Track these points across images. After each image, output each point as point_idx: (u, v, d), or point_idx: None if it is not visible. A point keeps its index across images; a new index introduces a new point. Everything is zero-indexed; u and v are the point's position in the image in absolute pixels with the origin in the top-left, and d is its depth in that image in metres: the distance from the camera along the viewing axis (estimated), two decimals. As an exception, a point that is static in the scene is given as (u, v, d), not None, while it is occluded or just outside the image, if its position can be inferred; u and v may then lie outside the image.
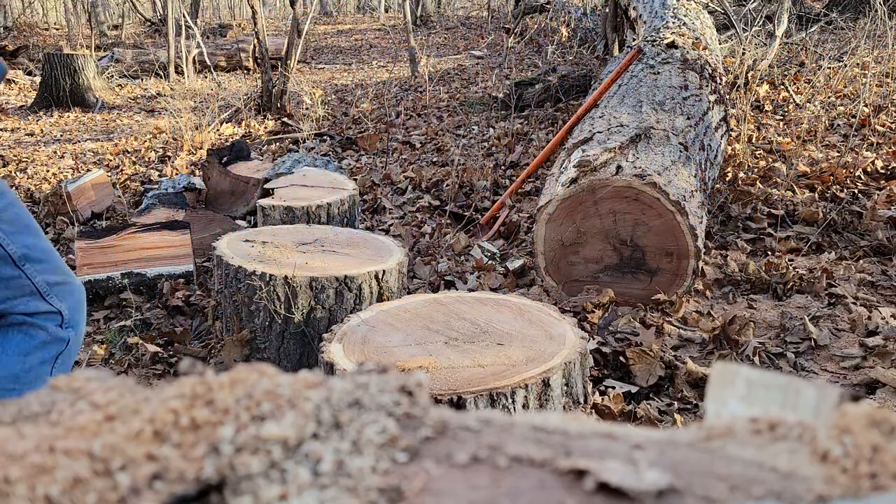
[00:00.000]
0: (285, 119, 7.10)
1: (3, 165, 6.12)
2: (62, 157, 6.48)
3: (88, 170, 5.53)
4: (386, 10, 21.42)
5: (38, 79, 10.01)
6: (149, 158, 6.17)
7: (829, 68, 6.47)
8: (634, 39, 5.68)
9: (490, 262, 3.44)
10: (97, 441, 0.35)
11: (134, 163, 6.03)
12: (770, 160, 4.47)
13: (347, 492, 0.34)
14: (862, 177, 4.07)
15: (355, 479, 0.35)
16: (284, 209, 3.21)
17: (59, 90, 8.96)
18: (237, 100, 8.06)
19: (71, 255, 3.74)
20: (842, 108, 5.47)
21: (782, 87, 6.07)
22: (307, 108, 7.25)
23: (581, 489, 0.34)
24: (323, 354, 1.79)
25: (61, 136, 7.55)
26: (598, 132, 3.25)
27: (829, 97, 5.86)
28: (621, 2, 6.75)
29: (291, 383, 0.40)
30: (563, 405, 1.69)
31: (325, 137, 6.43)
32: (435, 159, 5.43)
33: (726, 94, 4.73)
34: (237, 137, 6.51)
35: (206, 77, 10.83)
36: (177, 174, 5.38)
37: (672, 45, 4.34)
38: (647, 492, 0.34)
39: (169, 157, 6.10)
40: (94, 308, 3.23)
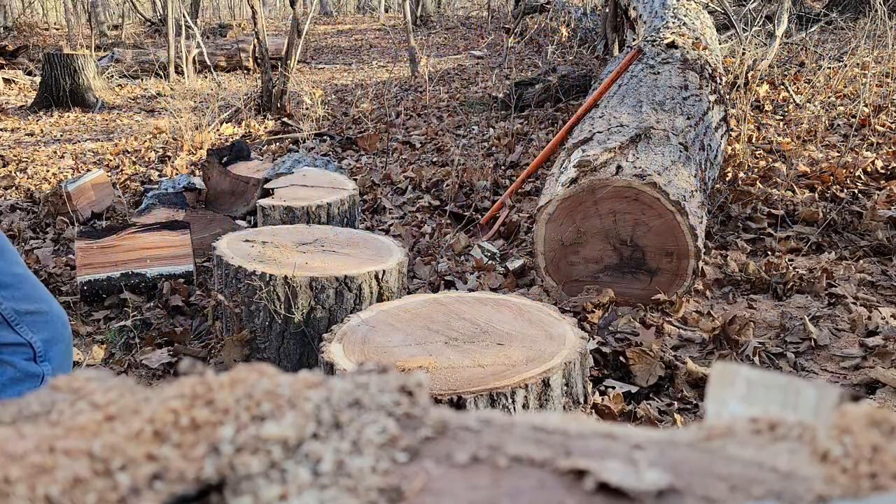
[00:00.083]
0: (285, 119, 7.10)
1: (3, 165, 6.12)
2: (62, 157, 6.48)
3: (88, 170, 5.53)
4: (386, 10, 21.42)
5: (38, 79, 10.01)
6: (149, 158, 6.17)
7: (829, 68, 6.47)
8: (634, 39, 5.68)
9: (490, 262, 3.44)
10: (97, 441, 0.35)
11: (134, 163, 6.03)
12: (770, 160, 4.47)
13: (347, 492, 0.34)
14: (862, 177, 4.07)
15: (355, 479, 0.35)
16: (284, 209, 3.21)
17: (59, 90, 8.96)
18: (237, 100, 8.06)
19: (71, 255, 3.74)
20: (842, 108, 5.47)
21: (782, 87, 6.07)
22: (307, 108, 7.25)
23: (581, 489, 0.34)
24: (323, 354, 1.79)
25: (61, 136, 7.55)
26: (598, 132, 3.25)
27: (829, 97, 5.86)
28: (621, 2, 6.75)
29: (291, 383, 0.40)
30: (563, 405, 1.69)
31: (325, 137, 6.43)
32: (435, 159, 5.43)
33: (726, 94, 4.73)
34: (237, 137, 6.51)
35: (206, 77, 10.83)
36: (177, 174, 5.38)
37: (672, 45, 4.34)
38: (647, 492, 0.34)
39: (169, 157, 6.10)
40: (94, 308, 3.24)
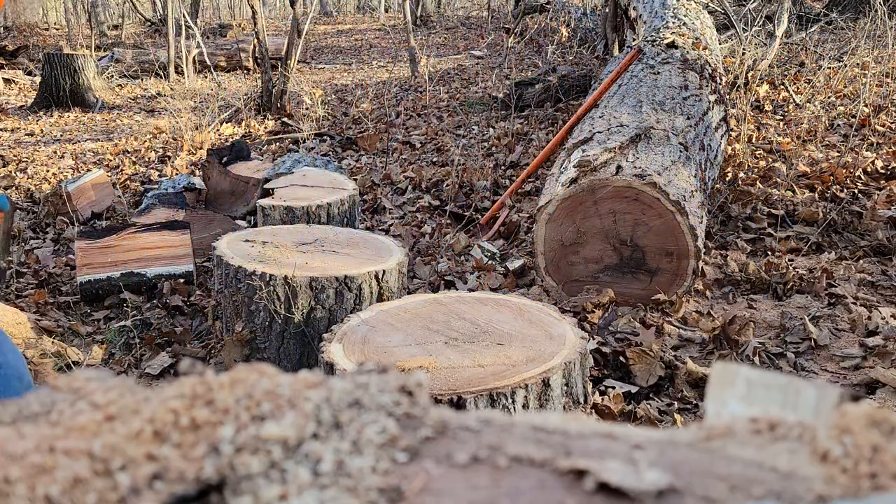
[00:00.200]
0: (285, 119, 7.10)
1: (3, 165, 6.12)
2: (62, 157, 6.48)
3: (88, 170, 5.53)
4: (386, 10, 21.42)
5: (38, 79, 10.01)
6: (149, 158, 6.17)
7: (829, 68, 6.47)
8: (634, 39, 5.68)
9: (490, 262, 3.44)
10: (97, 441, 0.35)
11: (134, 163, 6.03)
12: (770, 160, 4.47)
13: (347, 492, 0.34)
14: (862, 177, 4.07)
15: (355, 479, 0.35)
16: (284, 209, 3.21)
17: (59, 90, 8.96)
18: (237, 100, 8.06)
19: (71, 255, 3.74)
20: (842, 108, 5.47)
21: (782, 87, 6.07)
22: (307, 108, 7.25)
23: (581, 489, 0.34)
24: (323, 354, 1.79)
25: (61, 136, 7.55)
26: (598, 132, 3.25)
27: (829, 97, 5.86)
28: (621, 2, 6.75)
29: (291, 383, 0.40)
30: (563, 405, 1.69)
31: (325, 137, 6.43)
32: (435, 159, 5.43)
33: (726, 94, 4.73)
34: (237, 137, 6.51)
35: (206, 77, 10.83)
36: (177, 174, 5.38)
37: (672, 45, 4.34)
38: (647, 492, 0.34)
39: (169, 157, 6.10)
40: (94, 308, 3.24)
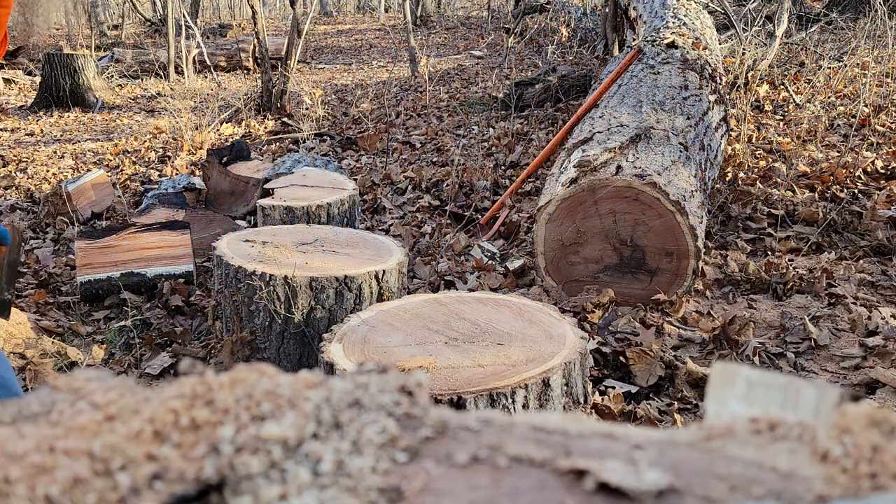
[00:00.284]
0: (285, 119, 7.10)
1: (3, 165, 6.12)
2: (62, 157, 6.48)
3: (88, 170, 5.53)
4: (386, 10, 21.42)
5: (38, 79, 10.01)
6: (149, 158, 6.17)
7: (829, 68, 6.47)
8: (634, 39, 5.68)
9: (490, 262, 3.43)
10: (97, 441, 0.35)
11: (134, 163, 6.03)
12: (770, 160, 4.47)
13: (347, 492, 0.34)
14: (862, 177, 4.07)
15: (355, 479, 0.35)
16: (284, 209, 3.21)
17: (59, 90, 8.96)
18: (237, 100, 8.06)
19: (71, 255, 3.74)
20: (842, 108, 5.47)
21: (782, 87, 6.07)
22: (307, 108, 7.25)
23: (581, 489, 0.34)
24: (323, 354, 1.79)
25: (61, 136, 7.55)
26: (598, 132, 3.25)
27: (829, 97, 5.86)
28: (621, 2, 6.75)
29: (291, 383, 0.40)
30: (563, 405, 1.69)
31: (325, 137, 6.43)
32: (435, 159, 5.43)
33: (726, 94, 4.73)
34: (237, 137, 6.51)
35: (206, 77, 10.83)
36: (177, 174, 5.38)
37: (672, 45, 4.34)
38: (647, 492, 0.34)
39: (169, 157, 6.10)
40: (94, 308, 3.24)
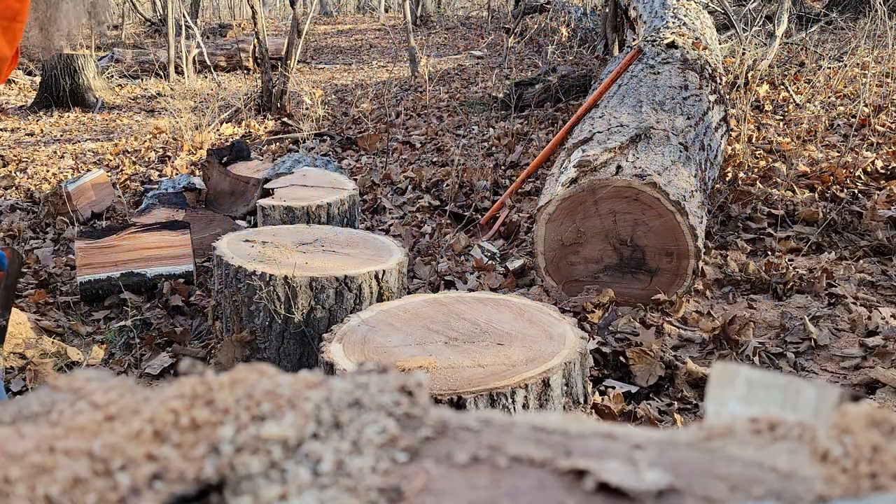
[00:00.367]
0: (285, 119, 7.10)
1: (3, 165, 6.12)
2: (62, 157, 6.48)
3: (88, 170, 5.53)
4: (386, 10, 21.41)
5: (38, 79, 10.01)
6: (149, 158, 6.17)
7: (829, 68, 6.47)
8: (634, 39, 5.68)
9: (490, 262, 3.43)
10: (97, 441, 0.35)
11: (134, 163, 6.03)
12: (770, 160, 4.47)
13: (347, 492, 0.34)
14: (862, 177, 4.06)
15: (355, 479, 0.35)
16: (284, 209, 3.21)
17: (59, 90, 8.96)
18: (237, 100, 8.06)
19: (71, 255, 3.74)
20: (842, 108, 5.47)
21: (782, 87, 6.07)
22: (307, 108, 7.25)
23: (581, 489, 0.34)
24: (323, 354, 1.79)
25: (61, 136, 7.55)
26: (598, 132, 3.25)
27: (829, 97, 5.86)
28: (621, 2, 6.75)
29: (291, 383, 0.40)
30: (563, 405, 1.69)
31: (325, 137, 6.43)
32: (435, 159, 5.43)
33: (726, 94, 4.73)
34: (237, 137, 6.51)
35: (206, 77, 10.83)
36: (177, 174, 5.38)
37: (672, 45, 4.34)
38: (647, 492, 0.34)
39: (169, 157, 6.10)
40: (94, 308, 3.24)
